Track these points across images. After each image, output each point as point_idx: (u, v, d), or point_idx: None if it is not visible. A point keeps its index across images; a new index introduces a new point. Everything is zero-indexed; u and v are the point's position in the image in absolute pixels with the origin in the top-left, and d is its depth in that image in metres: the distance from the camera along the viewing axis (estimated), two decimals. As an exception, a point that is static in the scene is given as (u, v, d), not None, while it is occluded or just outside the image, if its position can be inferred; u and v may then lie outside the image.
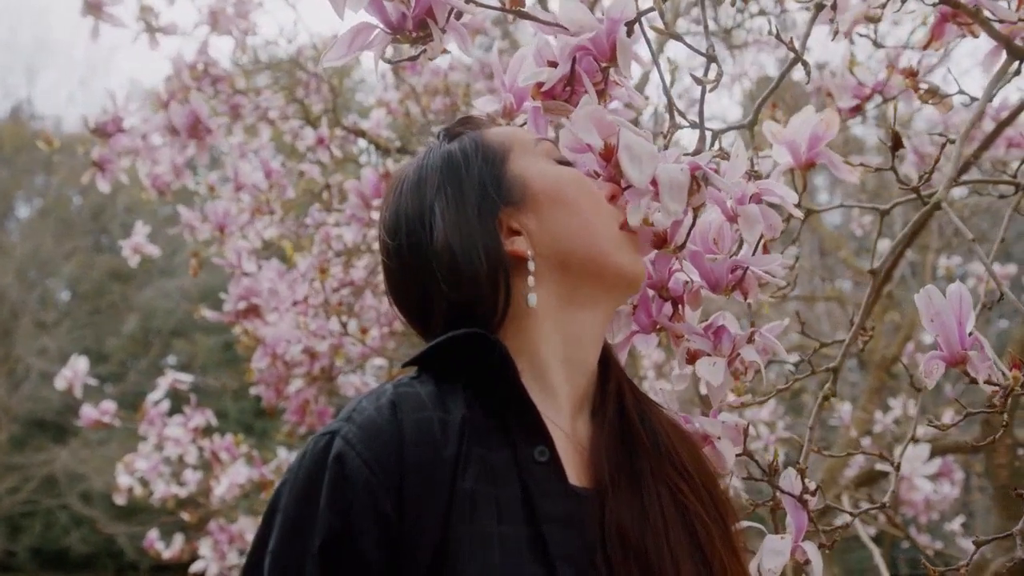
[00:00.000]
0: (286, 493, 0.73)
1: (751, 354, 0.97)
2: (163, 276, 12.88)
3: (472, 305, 0.82)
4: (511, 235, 0.85)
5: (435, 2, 0.80)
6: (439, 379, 0.79)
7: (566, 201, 0.85)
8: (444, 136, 0.92)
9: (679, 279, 0.99)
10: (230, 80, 2.70)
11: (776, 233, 0.97)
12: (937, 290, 0.90)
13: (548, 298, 0.84)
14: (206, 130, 2.20)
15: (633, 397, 0.90)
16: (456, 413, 0.75)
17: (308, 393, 3.11)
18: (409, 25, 0.77)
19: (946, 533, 4.16)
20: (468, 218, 0.83)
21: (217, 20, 2.71)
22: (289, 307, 2.84)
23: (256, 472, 3.31)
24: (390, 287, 0.89)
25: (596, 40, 0.91)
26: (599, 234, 0.85)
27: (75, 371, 3.15)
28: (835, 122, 0.97)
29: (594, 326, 0.87)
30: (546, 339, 0.84)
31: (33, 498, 11.99)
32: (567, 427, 0.84)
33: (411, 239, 0.85)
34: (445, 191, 0.85)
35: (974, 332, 0.93)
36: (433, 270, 0.82)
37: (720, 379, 0.95)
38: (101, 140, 2.59)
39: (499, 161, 0.87)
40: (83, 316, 13.75)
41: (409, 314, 0.89)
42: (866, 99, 1.46)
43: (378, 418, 0.73)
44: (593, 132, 0.88)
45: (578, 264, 0.85)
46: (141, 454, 3.31)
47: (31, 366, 12.37)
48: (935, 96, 1.20)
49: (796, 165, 1.03)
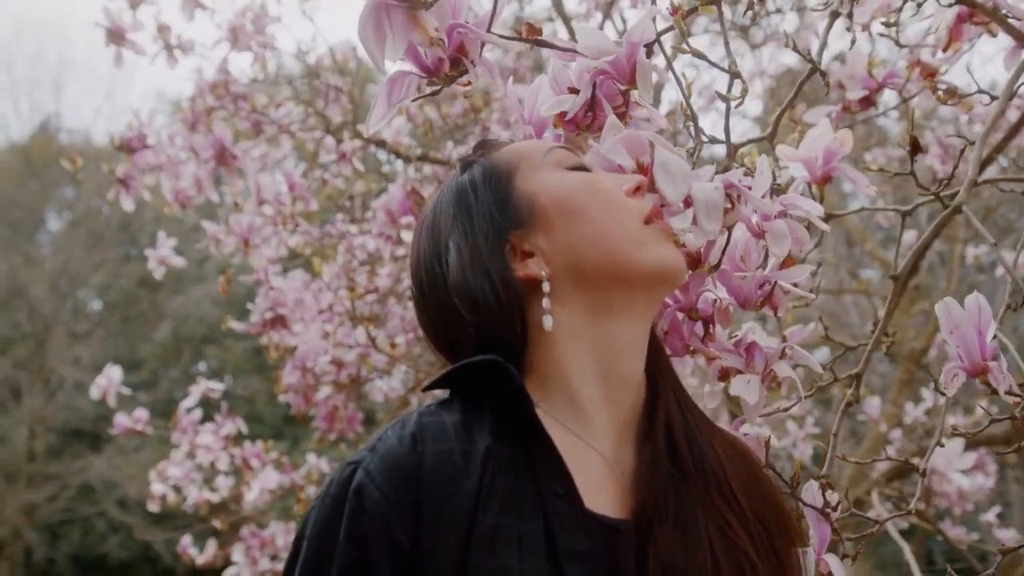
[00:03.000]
0: (311, 522, 0.74)
1: (784, 369, 0.98)
2: (193, 283, 13.01)
3: (496, 333, 0.81)
4: (524, 258, 0.83)
5: (467, 39, 0.81)
6: (467, 405, 0.79)
7: (575, 209, 0.83)
8: (460, 167, 0.91)
9: (707, 298, 0.99)
10: (251, 98, 2.73)
11: (803, 247, 0.97)
12: (956, 302, 0.90)
13: (574, 314, 0.82)
14: (232, 156, 2.23)
15: (683, 419, 0.86)
16: (481, 443, 0.75)
17: (337, 400, 3.14)
18: (446, 68, 0.79)
19: (981, 524, 4.12)
20: (478, 248, 0.82)
21: (237, 37, 2.74)
22: (315, 316, 2.87)
23: (287, 478, 3.34)
24: (422, 326, 0.90)
25: (616, 63, 0.92)
26: (614, 236, 0.82)
27: (109, 380, 3.20)
28: (849, 139, 0.97)
29: (632, 333, 0.84)
30: (577, 358, 0.81)
31: (71, 506, 12.17)
32: (608, 452, 0.81)
33: (431, 278, 0.85)
34: (457, 224, 0.84)
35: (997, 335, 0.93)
36: (454, 305, 0.82)
37: (756, 397, 0.95)
38: (126, 156, 2.63)
39: (505, 183, 0.86)
40: (115, 325, 13.93)
41: (442, 349, 0.89)
42: (876, 91, 1.45)
43: (399, 450, 0.73)
44: (623, 154, 0.89)
45: (598, 273, 0.82)
46: (174, 461, 3.36)
47: (65, 376, 12.55)
48: (954, 96, 1.19)
49: (812, 180, 1.03)
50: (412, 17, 0.73)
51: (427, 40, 0.75)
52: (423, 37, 0.75)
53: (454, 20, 0.78)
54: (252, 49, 2.82)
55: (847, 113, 1.58)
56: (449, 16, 0.78)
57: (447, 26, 0.77)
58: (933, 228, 1.11)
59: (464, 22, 0.84)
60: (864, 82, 1.53)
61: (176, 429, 3.20)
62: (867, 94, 1.54)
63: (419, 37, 0.75)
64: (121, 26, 2.63)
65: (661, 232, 0.84)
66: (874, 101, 1.54)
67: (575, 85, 0.95)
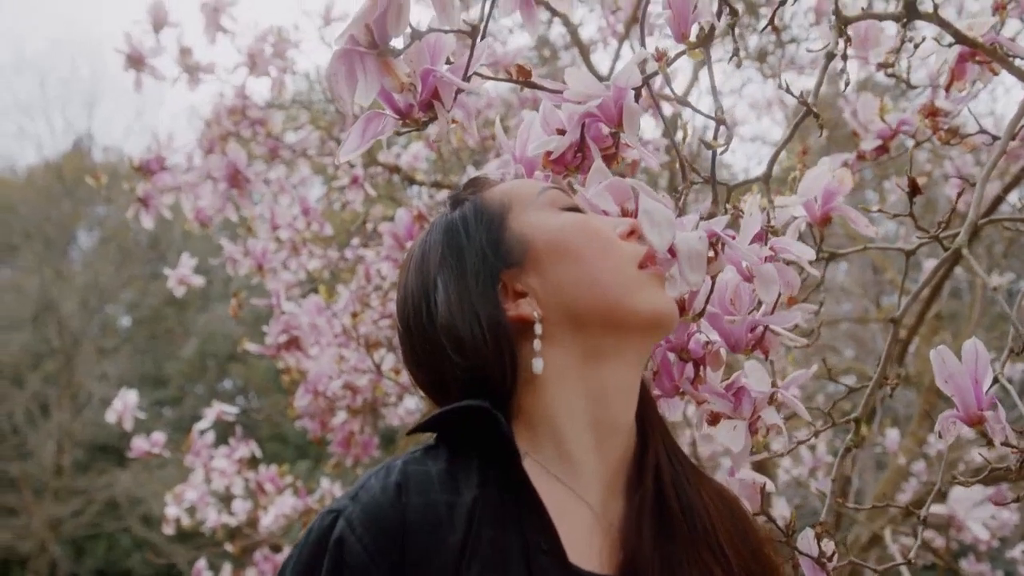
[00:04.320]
0: (290, 570, 0.72)
1: (772, 416, 0.96)
2: (219, 301, 13.14)
3: (484, 375, 0.79)
4: (516, 298, 0.81)
5: (440, 84, 0.81)
6: (454, 451, 0.78)
7: (568, 250, 0.81)
8: (450, 204, 0.90)
9: (699, 340, 0.97)
10: (267, 124, 2.76)
11: (794, 291, 0.95)
12: (950, 352, 0.88)
13: (565, 358, 0.80)
14: (245, 179, 2.26)
15: (672, 468, 0.84)
16: (467, 494, 0.73)
17: (352, 424, 3.14)
18: (415, 113, 0.78)
19: (1007, 560, 4.02)
20: (468, 288, 0.81)
21: (255, 62, 2.77)
22: (331, 340, 2.88)
23: (302, 503, 3.34)
24: (407, 364, 0.88)
25: (604, 107, 0.91)
26: (607, 280, 0.80)
27: (125, 404, 3.22)
28: (849, 180, 0.96)
29: (622, 379, 0.82)
30: (567, 403, 0.80)
31: (96, 521, 12.27)
32: (597, 502, 0.80)
33: (417, 316, 0.83)
34: (447, 263, 0.83)
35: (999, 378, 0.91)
36: (442, 344, 0.80)
37: (741, 444, 0.94)
38: (145, 178, 2.67)
39: (497, 222, 0.84)
40: (142, 342, 14.09)
41: (427, 389, 0.87)
42: (890, 138, 1.44)
43: (383, 500, 0.72)
44: (609, 199, 0.88)
45: (590, 316, 0.80)
46: (192, 484, 3.37)
47: (93, 392, 12.69)
48: (956, 136, 1.17)
49: (812, 220, 1.02)
50: (384, 63, 0.73)
51: (398, 86, 0.75)
52: (395, 83, 0.75)
53: (432, 65, 0.78)
54: (270, 74, 2.85)
55: (861, 160, 1.56)
56: (427, 60, 0.77)
57: (421, 71, 0.77)
58: (933, 273, 1.09)
59: (449, 61, 0.84)
60: (878, 131, 1.52)
61: (190, 452, 3.20)
62: (881, 143, 1.53)
63: (391, 83, 0.75)
64: (141, 52, 2.67)
65: (654, 277, 0.83)
66: (888, 148, 1.53)
67: (564, 126, 0.95)
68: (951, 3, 2.51)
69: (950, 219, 1.01)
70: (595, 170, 0.86)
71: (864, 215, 1.06)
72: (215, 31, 2.85)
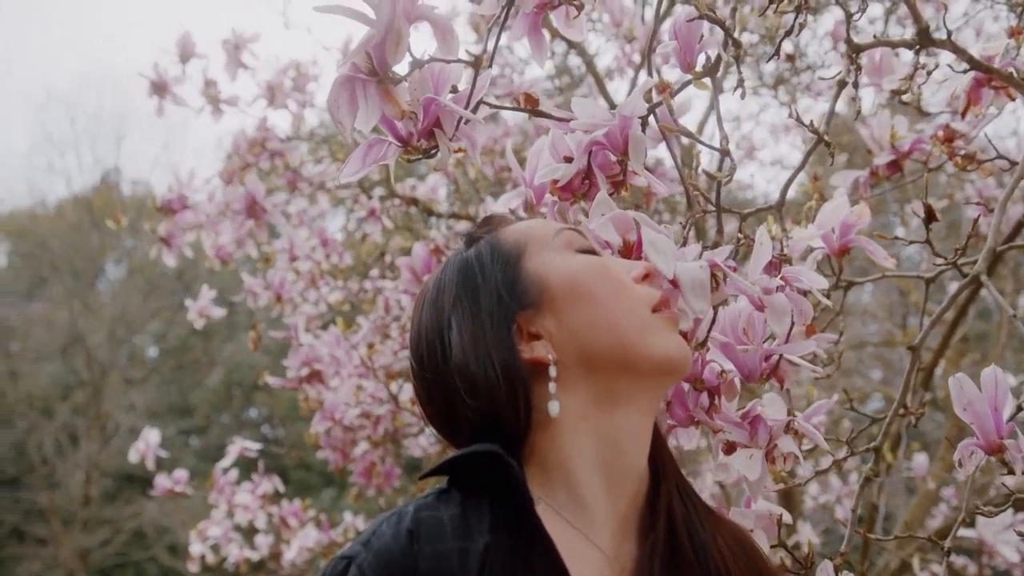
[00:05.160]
0: None
1: (788, 445, 0.95)
2: (244, 331, 13.23)
3: (496, 416, 0.79)
4: (531, 340, 0.81)
5: (443, 114, 0.81)
6: (466, 495, 0.77)
7: (584, 294, 0.81)
8: (464, 241, 0.90)
9: (713, 369, 0.97)
10: (284, 156, 2.79)
11: (807, 320, 0.94)
12: (968, 379, 0.86)
13: (579, 402, 0.80)
14: (262, 210, 2.28)
15: (685, 510, 0.83)
16: (479, 540, 0.73)
17: (373, 455, 3.14)
18: (415, 142, 0.79)
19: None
20: (483, 329, 0.80)
21: (275, 95, 2.80)
22: (351, 372, 2.88)
23: (325, 536, 3.33)
24: (419, 401, 0.88)
25: (610, 135, 0.91)
26: (623, 324, 0.80)
27: (148, 443, 3.24)
28: (866, 213, 0.95)
29: (636, 424, 0.82)
30: (579, 447, 0.79)
31: (123, 551, 12.32)
32: (609, 546, 0.79)
33: (431, 355, 0.83)
34: (461, 303, 0.82)
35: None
36: (455, 384, 0.80)
37: (757, 473, 0.93)
38: (167, 217, 2.71)
39: (513, 263, 0.84)
40: (169, 372, 14.20)
41: (439, 427, 0.87)
42: (903, 157, 1.42)
43: (395, 548, 0.71)
44: (611, 230, 0.88)
45: (605, 360, 0.80)
46: (214, 520, 3.37)
47: (120, 422, 12.79)
48: (973, 162, 1.16)
49: (830, 252, 1.01)
50: (385, 90, 0.73)
51: (399, 113, 0.75)
52: (395, 110, 0.75)
53: (435, 93, 0.78)
54: (289, 108, 2.89)
55: (874, 177, 1.54)
56: (430, 88, 0.78)
57: (424, 100, 0.77)
58: (950, 300, 1.07)
59: (456, 89, 0.84)
60: (891, 149, 1.50)
61: (213, 490, 3.21)
62: (894, 159, 1.51)
63: (392, 110, 0.75)
64: (165, 79, 2.72)
65: (668, 321, 0.83)
66: (901, 167, 1.51)
67: (572, 153, 0.95)
68: (969, 25, 2.49)
69: (967, 245, 1.00)
70: (599, 201, 0.86)
71: (882, 243, 1.05)
72: (236, 67, 2.89)
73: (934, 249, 1.04)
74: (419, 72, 0.75)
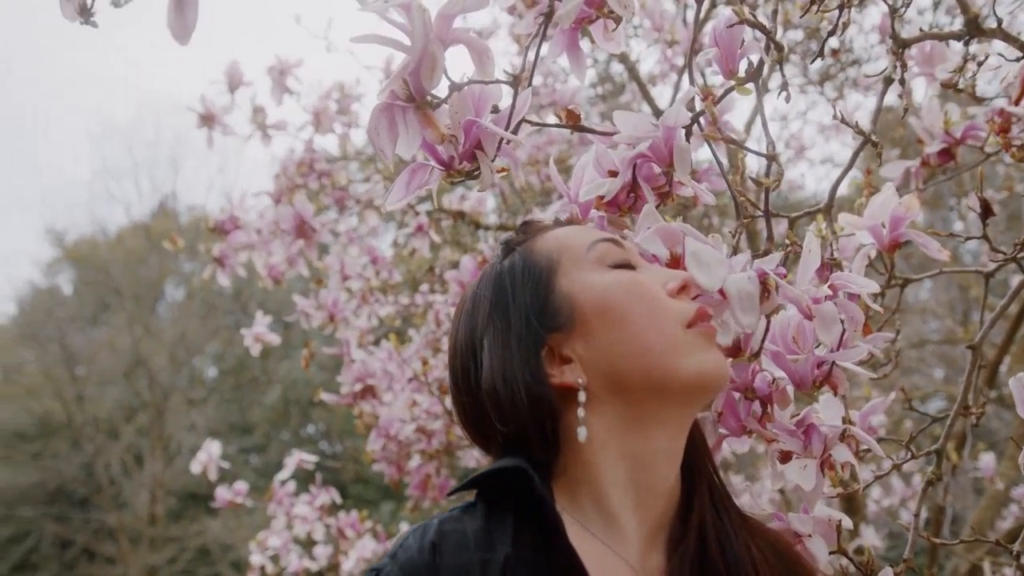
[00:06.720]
0: None
1: (843, 454, 0.93)
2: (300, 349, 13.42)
3: (524, 439, 0.80)
4: (562, 364, 0.81)
5: (483, 135, 0.80)
6: (491, 508, 0.78)
7: (615, 316, 0.80)
8: (502, 250, 0.90)
9: (765, 378, 0.95)
10: (332, 176, 2.83)
11: (858, 327, 0.92)
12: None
13: (609, 425, 0.80)
14: (311, 229, 2.31)
15: (718, 521, 0.82)
16: (501, 551, 0.74)
17: (429, 468, 3.16)
18: (457, 165, 0.79)
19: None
20: (512, 352, 0.81)
21: (320, 120, 2.85)
22: (404, 386, 2.90)
23: (383, 547, 3.36)
24: (457, 416, 0.89)
25: (654, 147, 0.91)
26: (654, 348, 0.79)
27: (210, 455, 3.30)
28: (916, 205, 0.93)
29: (665, 445, 0.81)
30: (608, 467, 0.80)
31: (189, 568, 12.57)
32: (636, 560, 0.79)
33: (465, 374, 0.84)
34: (493, 322, 0.83)
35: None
36: (485, 405, 0.82)
37: (812, 483, 0.91)
38: (220, 238, 2.76)
39: (544, 282, 0.83)
40: (228, 391, 14.48)
41: (474, 437, 0.88)
42: (955, 144, 1.38)
43: (418, 561, 0.73)
44: (659, 244, 0.87)
45: (635, 385, 0.79)
46: (273, 531, 3.42)
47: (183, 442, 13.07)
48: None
49: (880, 248, 0.98)
50: (424, 115, 0.74)
51: (439, 138, 0.76)
52: (435, 135, 0.75)
53: (475, 115, 0.78)
54: (335, 131, 2.93)
55: (926, 168, 1.51)
56: (470, 110, 0.78)
57: (464, 122, 0.77)
58: (1010, 296, 1.04)
59: (497, 109, 0.84)
60: (942, 136, 1.47)
61: (272, 501, 3.26)
62: (946, 146, 1.47)
63: (432, 135, 0.75)
64: (213, 111, 2.78)
65: (703, 337, 0.82)
66: (954, 155, 1.47)
67: (616, 167, 0.94)
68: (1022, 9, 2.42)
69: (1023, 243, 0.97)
70: (645, 214, 0.85)
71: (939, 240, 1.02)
72: (282, 93, 2.94)
73: (992, 244, 1.01)
74: (458, 95, 0.76)
